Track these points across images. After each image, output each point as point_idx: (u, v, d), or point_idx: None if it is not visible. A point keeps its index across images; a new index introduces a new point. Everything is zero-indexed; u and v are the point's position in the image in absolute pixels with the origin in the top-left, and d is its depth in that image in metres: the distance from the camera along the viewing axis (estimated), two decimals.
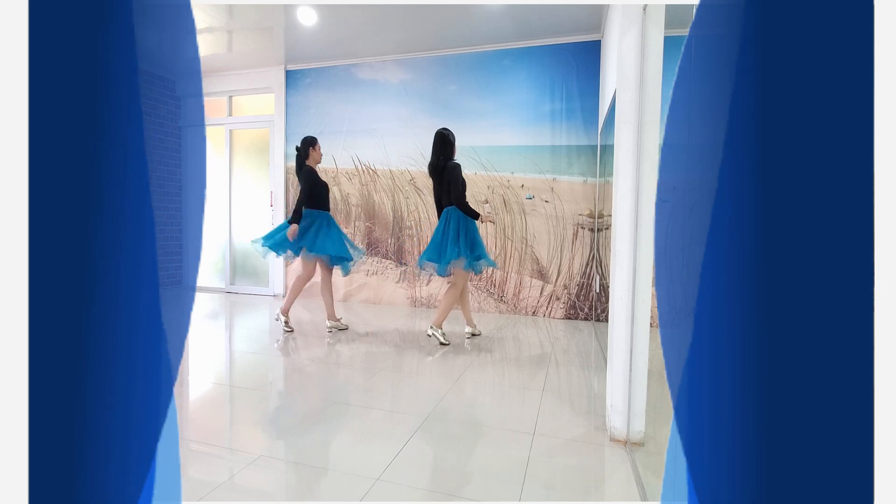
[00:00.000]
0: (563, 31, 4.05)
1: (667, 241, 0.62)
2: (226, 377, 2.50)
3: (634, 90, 1.69)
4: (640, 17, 1.66)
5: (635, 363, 1.71)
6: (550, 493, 1.41)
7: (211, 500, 1.34)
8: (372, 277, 4.80)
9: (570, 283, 4.20)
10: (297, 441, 1.73)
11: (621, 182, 1.72)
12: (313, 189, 3.45)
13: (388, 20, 3.93)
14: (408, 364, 2.73)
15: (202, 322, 3.92)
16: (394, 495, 1.38)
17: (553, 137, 4.22)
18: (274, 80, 5.07)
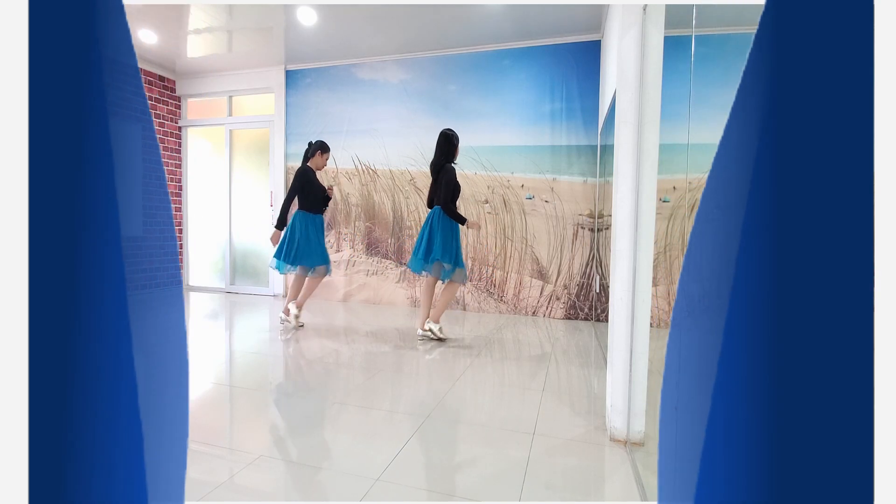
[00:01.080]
0: (563, 31, 4.05)
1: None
2: (226, 377, 2.50)
3: (634, 90, 1.69)
4: (640, 17, 1.66)
5: (635, 363, 1.71)
6: (550, 493, 1.41)
7: (211, 500, 1.34)
8: (372, 277, 4.80)
9: (570, 283, 4.20)
10: (297, 441, 1.73)
11: (621, 182, 1.72)
12: (305, 187, 3.46)
13: (388, 20, 3.93)
14: (408, 364, 2.73)
15: (202, 322, 3.92)
16: (394, 495, 1.38)
17: (553, 137, 4.22)
18: (274, 80, 5.07)
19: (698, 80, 2.15)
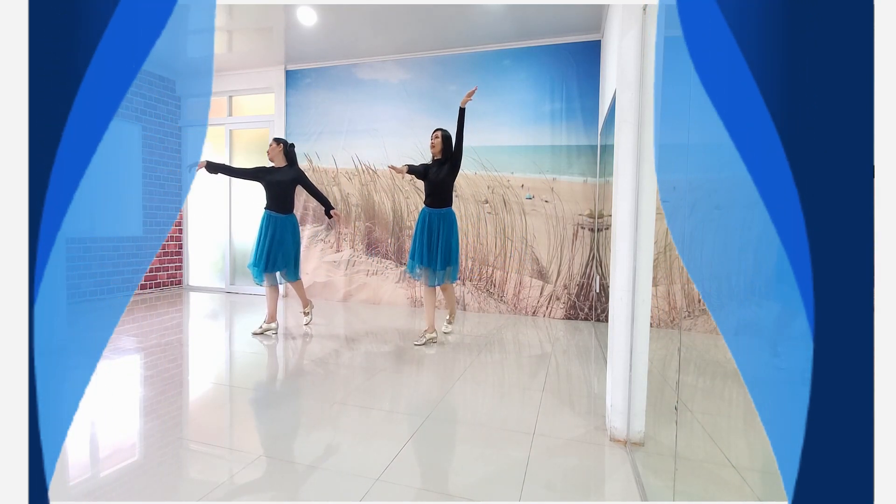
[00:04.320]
0: (563, 31, 4.05)
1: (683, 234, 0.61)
2: (226, 377, 2.50)
3: (634, 90, 1.68)
4: (640, 17, 1.66)
5: (635, 363, 1.71)
6: (550, 494, 1.41)
7: (211, 500, 1.34)
8: (372, 277, 4.79)
9: (570, 283, 4.20)
10: (297, 441, 1.73)
11: (621, 182, 1.72)
12: (259, 181, 3.31)
13: (388, 20, 3.93)
14: (408, 364, 2.73)
15: (202, 322, 3.92)
16: (393, 495, 1.38)
17: (553, 137, 4.22)
18: (274, 80, 5.07)
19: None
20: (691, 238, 0.63)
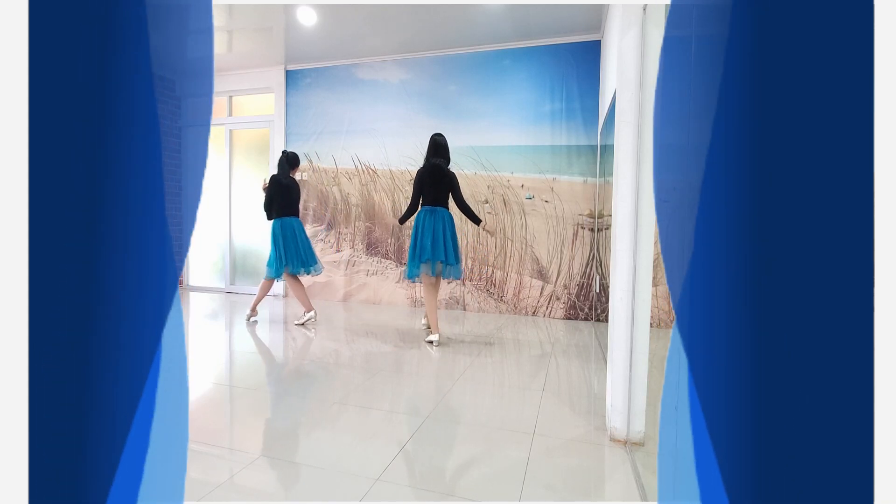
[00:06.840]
0: (563, 31, 4.06)
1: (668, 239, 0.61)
2: (226, 377, 2.50)
3: (634, 90, 1.68)
4: (640, 17, 1.66)
5: (635, 363, 1.71)
6: (550, 493, 1.41)
7: (211, 500, 1.34)
8: (372, 277, 4.80)
9: (570, 283, 4.20)
10: (297, 441, 1.73)
11: (621, 182, 1.72)
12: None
13: (388, 20, 3.93)
14: (408, 364, 2.73)
15: (202, 322, 3.92)
16: (394, 495, 1.38)
17: (553, 137, 4.22)
18: (274, 80, 5.07)
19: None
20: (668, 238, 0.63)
